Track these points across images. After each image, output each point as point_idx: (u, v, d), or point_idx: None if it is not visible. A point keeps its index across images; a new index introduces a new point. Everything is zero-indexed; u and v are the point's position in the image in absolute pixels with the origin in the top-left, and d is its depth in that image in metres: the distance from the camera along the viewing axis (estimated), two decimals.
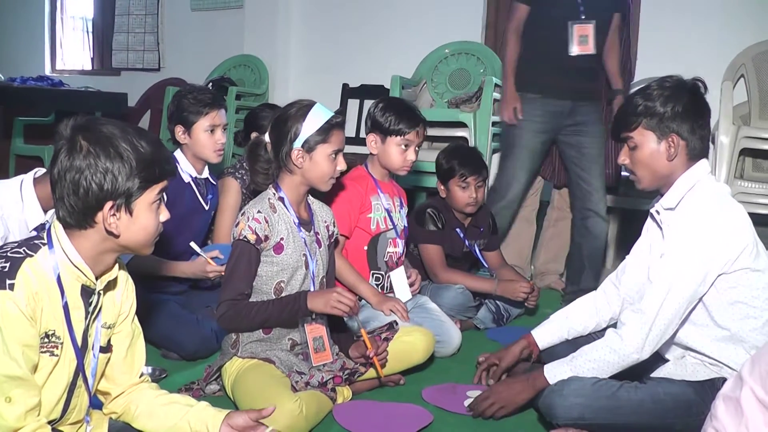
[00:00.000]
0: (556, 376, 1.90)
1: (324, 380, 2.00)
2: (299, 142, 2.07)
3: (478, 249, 3.13)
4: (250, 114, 3.27)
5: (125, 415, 1.61)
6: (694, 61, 3.10)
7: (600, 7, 3.15)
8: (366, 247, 2.68)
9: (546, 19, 3.14)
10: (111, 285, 1.53)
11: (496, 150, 4.28)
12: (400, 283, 2.70)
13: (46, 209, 1.93)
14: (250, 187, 2.38)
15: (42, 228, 1.45)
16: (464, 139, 3.89)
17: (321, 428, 1.96)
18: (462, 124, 3.92)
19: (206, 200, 2.76)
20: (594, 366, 1.86)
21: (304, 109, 2.08)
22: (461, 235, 3.08)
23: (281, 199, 2.12)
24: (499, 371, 2.22)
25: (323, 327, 2.15)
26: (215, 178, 2.86)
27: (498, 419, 2.01)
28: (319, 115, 2.08)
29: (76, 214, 1.38)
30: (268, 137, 2.13)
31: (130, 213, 1.41)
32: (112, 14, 6.73)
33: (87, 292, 1.45)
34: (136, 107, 5.97)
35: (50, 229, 1.43)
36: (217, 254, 2.50)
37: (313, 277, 2.14)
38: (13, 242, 1.42)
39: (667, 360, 1.97)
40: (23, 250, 1.37)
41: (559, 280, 3.72)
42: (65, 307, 1.41)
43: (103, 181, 1.36)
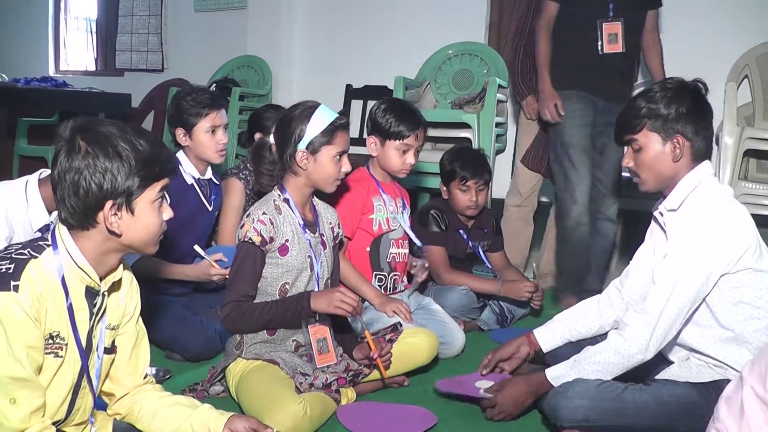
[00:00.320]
0: (560, 379, 1.90)
1: (328, 382, 2.00)
2: (303, 144, 2.06)
3: (481, 250, 3.13)
4: (253, 115, 3.26)
5: (129, 417, 1.61)
6: (698, 63, 3.08)
7: (630, 5, 3.11)
8: (368, 248, 2.67)
9: (575, 17, 3.10)
10: (115, 286, 1.53)
11: (499, 151, 4.29)
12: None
13: (51, 210, 1.93)
14: (254, 187, 2.37)
15: (46, 229, 1.45)
16: (467, 140, 3.88)
17: (325, 430, 1.96)
18: (465, 125, 3.92)
19: (209, 201, 2.75)
20: (598, 368, 1.85)
21: (309, 111, 2.08)
22: (465, 237, 3.08)
23: (286, 200, 2.12)
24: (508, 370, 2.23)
25: (327, 328, 2.15)
26: (218, 179, 2.85)
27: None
28: (323, 117, 2.07)
29: (78, 215, 1.39)
30: (273, 139, 2.13)
31: (132, 212, 1.41)
32: (115, 15, 6.73)
33: (91, 294, 1.46)
34: (139, 108, 5.98)
35: (54, 231, 1.43)
36: (220, 257, 2.50)
37: (318, 279, 2.14)
38: (18, 244, 1.42)
39: (671, 362, 1.97)
40: (27, 251, 1.38)
41: None
42: (70, 308, 1.41)
43: (103, 181, 1.36)
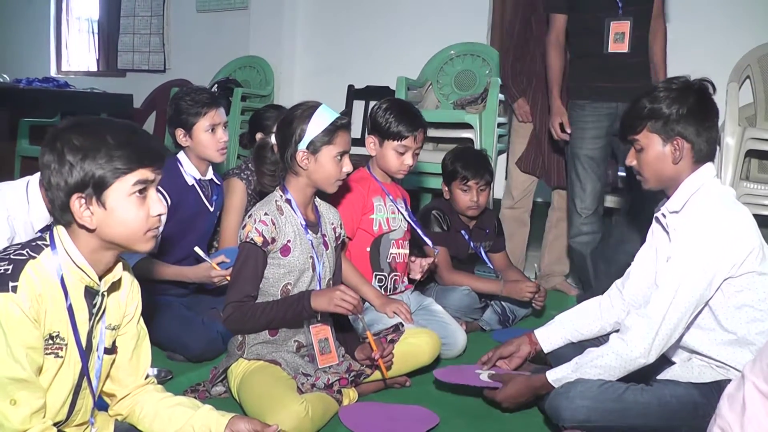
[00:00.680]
0: (561, 381, 1.89)
1: (330, 382, 2.00)
2: (304, 144, 2.06)
3: (483, 251, 3.13)
4: (254, 115, 3.25)
5: (130, 417, 1.61)
6: (700, 63, 3.08)
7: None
8: (369, 248, 2.67)
9: (584, 21, 3.06)
10: (115, 286, 1.52)
11: (501, 151, 4.28)
12: None
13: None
14: (256, 188, 2.37)
15: (47, 230, 1.45)
16: (470, 141, 3.88)
17: (327, 430, 1.95)
18: (467, 126, 3.91)
19: (211, 202, 2.74)
20: (599, 372, 1.85)
21: (309, 111, 2.08)
22: (466, 237, 3.08)
23: (288, 201, 2.12)
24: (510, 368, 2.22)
25: (328, 328, 2.15)
26: (220, 179, 2.84)
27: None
28: (324, 117, 2.07)
29: (57, 212, 1.38)
30: (274, 139, 2.13)
31: (103, 205, 1.38)
32: (117, 16, 6.74)
33: (91, 294, 1.45)
34: (141, 108, 5.99)
35: (53, 231, 1.43)
36: (222, 259, 2.49)
37: (320, 279, 2.13)
38: (17, 244, 1.42)
39: (673, 362, 1.96)
40: (26, 252, 1.37)
41: (565, 282, 3.70)
42: (69, 308, 1.41)
43: (69, 175, 1.35)
